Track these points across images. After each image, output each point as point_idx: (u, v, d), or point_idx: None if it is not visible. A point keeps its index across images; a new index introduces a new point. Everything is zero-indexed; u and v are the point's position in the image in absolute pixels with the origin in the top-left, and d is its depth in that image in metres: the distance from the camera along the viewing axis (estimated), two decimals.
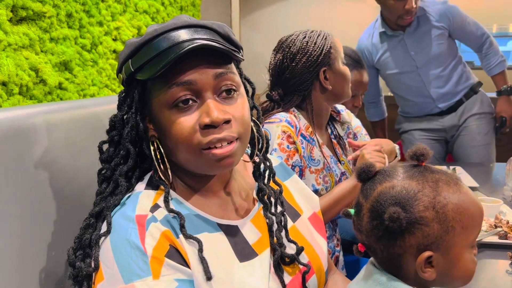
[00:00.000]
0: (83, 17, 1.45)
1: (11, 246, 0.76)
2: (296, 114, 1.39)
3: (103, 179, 0.79)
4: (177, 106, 0.71)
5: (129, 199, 0.75)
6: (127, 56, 0.74)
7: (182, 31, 0.71)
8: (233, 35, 0.77)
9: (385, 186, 0.71)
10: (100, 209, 0.75)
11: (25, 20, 1.20)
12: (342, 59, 1.42)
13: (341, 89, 1.42)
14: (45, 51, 1.26)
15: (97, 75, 1.55)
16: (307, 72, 1.38)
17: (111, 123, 0.79)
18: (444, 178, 0.71)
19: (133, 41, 0.74)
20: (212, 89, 0.72)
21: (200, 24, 0.73)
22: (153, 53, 0.71)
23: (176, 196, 0.78)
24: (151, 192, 0.76)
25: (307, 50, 1.37)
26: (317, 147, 1.38)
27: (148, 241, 0.68)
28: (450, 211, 0.68)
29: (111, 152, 0.79)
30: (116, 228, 0.70)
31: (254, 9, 4.62)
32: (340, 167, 1.46)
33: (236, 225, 0.80)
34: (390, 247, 0.71)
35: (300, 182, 1.01)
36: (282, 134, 1.29)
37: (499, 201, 1.49)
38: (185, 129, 0.71)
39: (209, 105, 0.70)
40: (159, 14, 2.06)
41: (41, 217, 0.83)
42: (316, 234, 0.93)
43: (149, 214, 0.71)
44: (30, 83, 1.18)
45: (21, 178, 0.79)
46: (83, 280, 0.71)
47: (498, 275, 1.12)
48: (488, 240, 1.27)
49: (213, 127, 0.70)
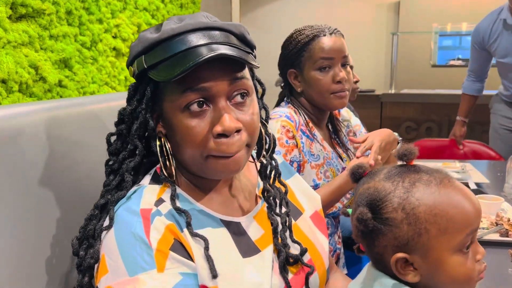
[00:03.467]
0: (82, 15, 1.44)
1: (14, 242, 0.75)
2: (296, 109, 1.39)
3: (110, 171, 0.79)
4: (190, 109, 0.71)
5: (134, 194, 0.75)
6: (141, 51, 0.73)
7: (199, 34, 0.71)
8: (248, 34, 0.78)
9: (364, 187, 0.72)
10: (105, 201, 0.76)
11: (25, 18, 1.20)
12: (318, 65, 1.32)
13: (310, 97, 1.37)
14: (44, 48, 1.26)
15: (97, 73, 1.55)
16: (281, 69, 1.42)
17: (120, 116, 0.79)
18: (426, 179, 0.69)
19: (148, 37, 0.73)
20: (226, 95, 0.72)
21: (216, 26, 0.73)
22: (169, 53, 0.70)
23: (180, 192, 0.78)
24: (156, 186, 0.77)
25: (285, 46, 1.40)
26: (316, 142, 1.38)
27: (153, 234, 0.69)
28: (422, 212, 0.66)
29: (119, 145, 0.79)
30: (121, 222, 0.71)
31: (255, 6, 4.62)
32: (342, 163, 1.45)
33: (239, 222, 0.80)
34: (371, 247, 0.71)
35: (302, 181, 1.02)
36: (282, 129, 1.29)
37: (500, 198, 1.49)
38: (197, 135, 0.71)
39: (222, 113, 0.71)
40: (159, 11, 2.06)
41: (42, 212, 0.82)
42: (318, 233, 0.94)
43: (153, 208, 0.72)
44: (29, 81, 1.18)
45: (22, 175, 0.79)
46: (86, 270, 0.72)
47: (499, 273, 1.12)
48: (489, 237, 1.27)
49: (225, 136, 0.71)
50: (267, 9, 5.57)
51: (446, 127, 3.88)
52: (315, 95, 1.36)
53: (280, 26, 4.39)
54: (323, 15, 5.42)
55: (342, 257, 1.47)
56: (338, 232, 1.46)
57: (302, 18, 5.33)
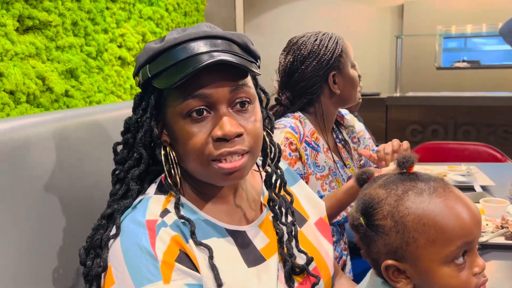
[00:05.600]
0: (88, 25, 1.47)
1: (21, 251, 0.77)
2: (302, 119, 1.38)
3: (116, 180, 0.80)
4: (191, 116, 0.72)
5: (139, 204, 0.76)
6: (145, 60, 0.75)
7: (201, 42, 0.72)
8: (252, 44, 0.78)
9: (362, 193, 0.73)
10: (112, 211, 0.76)
11: (32, 30, 1.22)
12: (351, 63, 1.41)
13: (349, 94, 1.42)
14: (51, 59, 1.28)
15: (102, 82, 1.57)
16: (316, 76, 1.36)
17: (126, 125, 0.80)
18: (420, 187, 0.68)
19: (152, 47, 0.74)
20: (227, 102, 0.73)
21: (219, 35, 0.74)
22: (171, 62, 0.71)
23: (185, 201, 0.78)
24: (161, 196, 0.77)
25: (318, 53, 1.36)
26: (322, 153, 1.38)
27: (158, 245, 0.69)
28: (410, 221, 0.65)
29: (125, 154, 0.80)
30: (127, 233, 0.71)
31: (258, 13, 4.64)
32: (347, 172, 1.46)
33: (244, 231, 0.80)
34: (368, 252, 0.72)
35: (306, 187, 1.01)
36: (285, 141, 1.29)
37: (506, 201, 1.48)
38: (198, 140, 0.72)
39: (223, 119, 0.71)
40: (164, 20, 2.08)
41: (50, 222, 0.84)
42: (323, 240, 0.94)
43: (159, 219, 0.73)
44: (37, 91, 1.20)
45: (30, 185, 0.80)
46: (93, 279, 0.73)
47: (505, 276, 1.12)
48: (494, 241, 1.26)
49: (225, 140, 0.71)
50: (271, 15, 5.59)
51: (452, 129, 3.86)
52: (352, 91, 1.43)
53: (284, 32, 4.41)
54: (327, 20, 5.44)
55: (348, 263, 1.47)
56: (344, 239, 1.46)
57: (306, 23, 5.35)
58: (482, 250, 1.22)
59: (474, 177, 1.91)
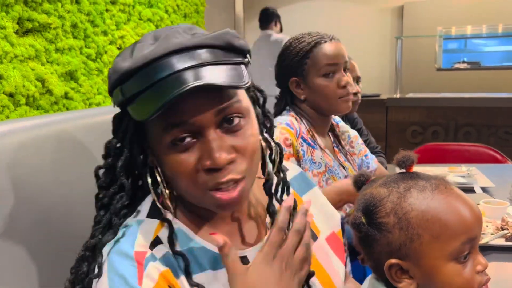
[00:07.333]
0: (87, 27, 1.47)
1: (21, 256, 0.77)
2: (297, 117, 1.39)
3: (100, 205, 0.72)
4: (176, 145, 0.64)
5: (128, 230, 0.69)
6: (116, 81, 0.65)
7: (175, 58, 0.62)
8: (237, 39, 0.68)
9: (362, 194, 0.73)
10: (96, 242, 0.70)
11: (31, 32, 1.22)
12: (323, 72, 1.34)
13: (317, 103, 1.37)
14: (51, 61, 1.28)
15: (102, 84, 1.57)
16: (279, 79, 1.41)
17: (106, 149, 0.72)
18: (421, 184, 0.68)
19: (122, 66, 0.64)
20: (214, 125, 0.64)
21: (196, 44, 0.63)
22: (144, 84, 0.62)
23: (179, 226, 0.71)
24: (153, 222, 0.71)
25: (284, 57, 1.39)
26: (318, 150, 1.38)
27: (145, 281, 0.64)
28: (414, 217, 0.65)
29: (108, 180, 0.72)
30: (114, 269, 0.65)
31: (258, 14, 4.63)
32: (343, 171, 1.46)
33: (245, 256, 0.73)
34: (369, 254, 0.71)
35: (321, 196, 0.91)
36: (280, 136, 1.30)
37: (506, 203, 1.48)
38: (187, 169, 0.64)
39: (211, 145, 0.63)
40: (163, 21, 2.08)
41: (49, 225, 0.84)
42: (334, 258, 0.85)
43: (148, 252, 0.67)
44: (36, 94, 1.20)
45: (30, 189, 0.80)
46: None
47: (505, 278, 1.11)
48: (494, 242, 1.26)
49: (217, 170, 0.64)
50: None
51: (452, 130, 3.86)
52: (321, 102, 1.37)
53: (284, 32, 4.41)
54: (327, 21, 5.44)
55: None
56: None
57: (306, 24, 5.35)
58: (482, 252, 1.21)
59: (474, 179, 1.91)
